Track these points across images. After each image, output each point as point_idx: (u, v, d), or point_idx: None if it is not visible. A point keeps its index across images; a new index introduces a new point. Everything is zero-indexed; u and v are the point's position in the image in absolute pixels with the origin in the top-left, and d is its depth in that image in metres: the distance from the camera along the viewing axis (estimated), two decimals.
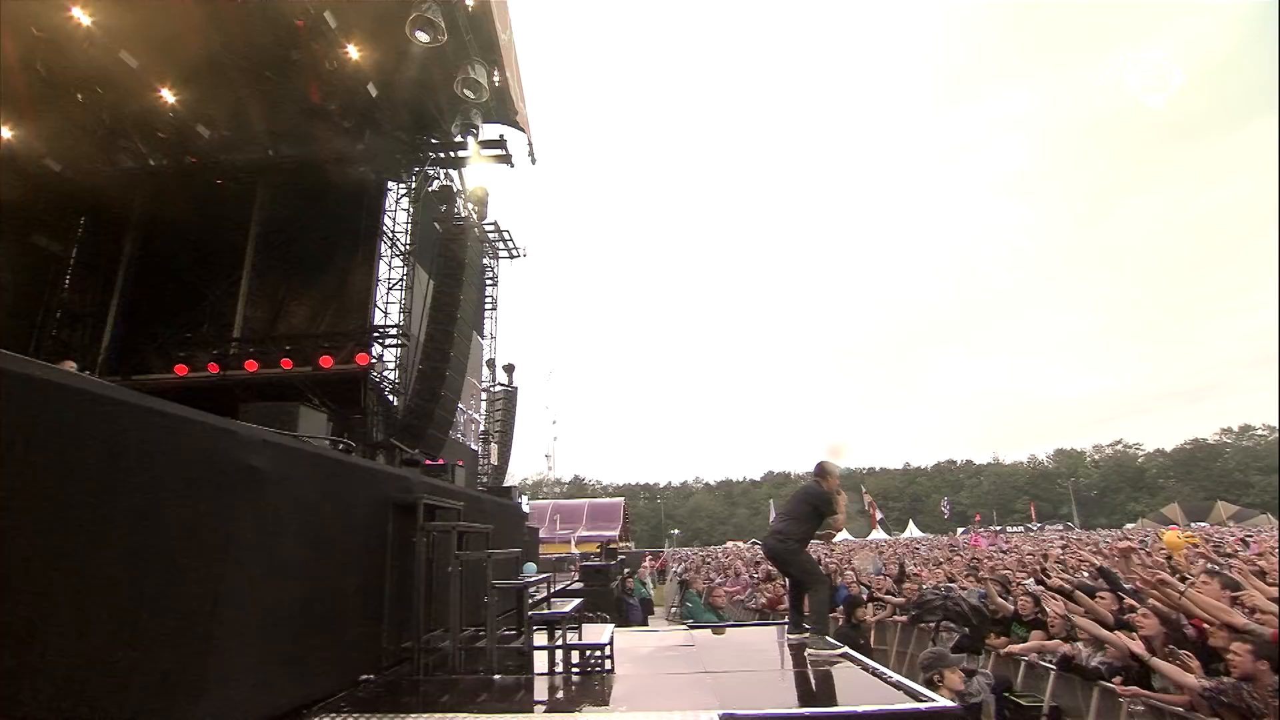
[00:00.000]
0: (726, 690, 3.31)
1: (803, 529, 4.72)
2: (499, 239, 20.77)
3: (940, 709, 2.83)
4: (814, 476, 5.00)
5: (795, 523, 4.76)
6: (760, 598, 10.91)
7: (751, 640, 5.25)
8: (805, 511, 4.77)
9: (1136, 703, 4.50)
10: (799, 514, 4.79)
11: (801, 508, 4.81)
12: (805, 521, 4.74)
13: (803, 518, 4.75)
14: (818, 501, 4.79)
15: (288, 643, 2.72)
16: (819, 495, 4.82)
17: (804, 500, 4.86)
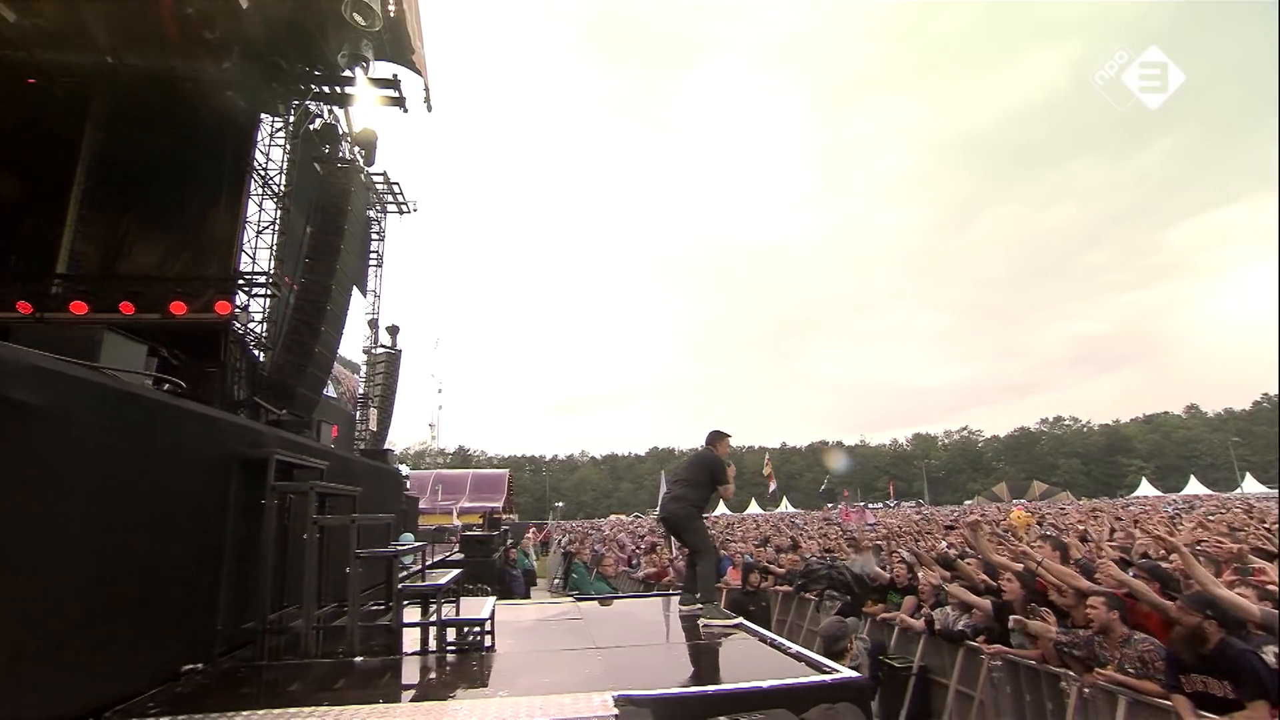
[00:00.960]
0: (620, 668, 3.05)
1: (699, 495, 4.67)
2: (387, 190, 19.23)
3: (847, 680, 2.73)
4: (706, 444, 4.94)
5: (693, 488, 4.68)
6: (646, 568, 10.91)
7: (641, 612, 5.09)
8: (702, 478, 4.71)
9: (996, 659, 4.79)
10: (696, 480, 4.71)
11: (699, 474, 4.74)
12: (702, 488, 4.69)
13: (699, 484, 4.69)
14: (714, 468, 4.73)
15: (68, 632, 2.11)
16: (715, 461, 4.76)
17: (701, 466, 4.78)
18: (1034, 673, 4.53)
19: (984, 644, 4.91)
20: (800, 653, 3.19)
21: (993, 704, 4.84)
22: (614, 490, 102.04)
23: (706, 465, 4.76)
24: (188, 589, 2.81)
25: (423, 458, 70.01)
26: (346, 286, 12.09)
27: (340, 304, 11.51)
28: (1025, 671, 4.61)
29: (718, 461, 4.76)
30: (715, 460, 4.76)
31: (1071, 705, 4.16)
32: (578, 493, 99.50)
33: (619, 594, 6.40)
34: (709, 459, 4.79)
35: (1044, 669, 4.43)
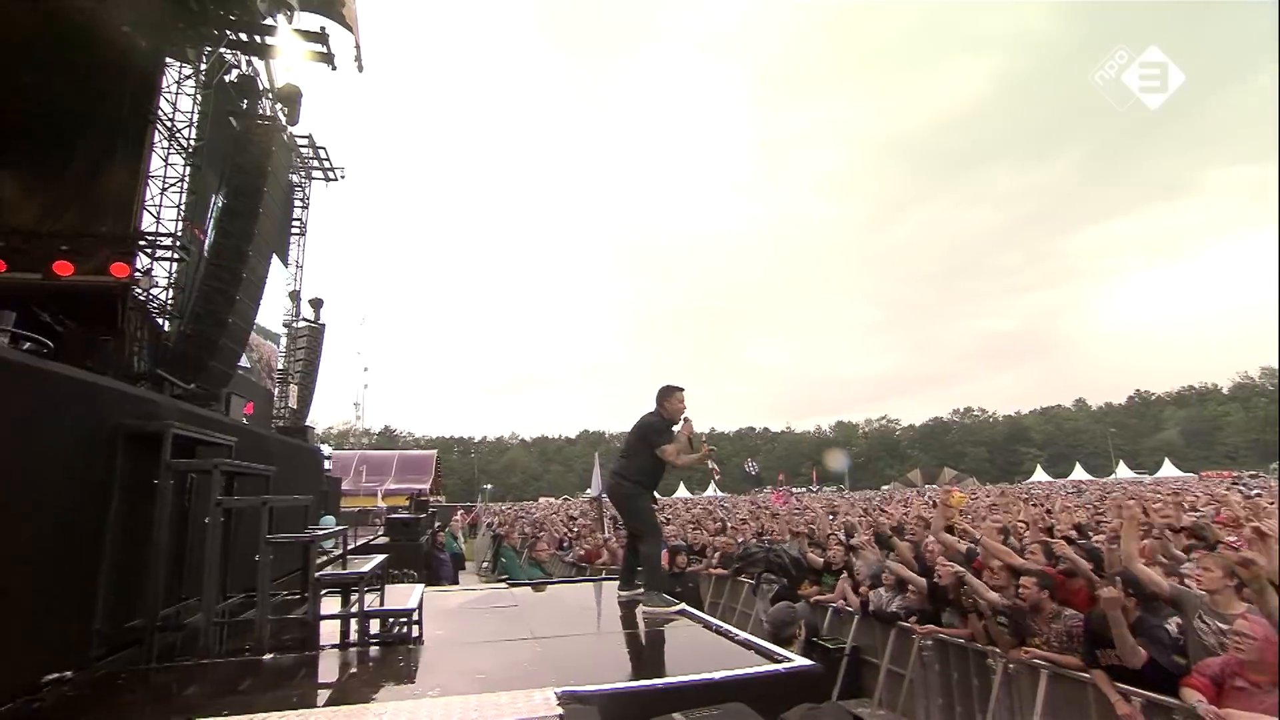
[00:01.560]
0: (560, 660, 2.86)
1: (635, 466, 4.17)
2: (312, 155, 18.04)
3: (802, 668, 2.64)
4: (656, 404, 4.30)
5: (627, 460, 4.25)
6: (579, 549, 10.73)
7: (578, 598, 4.88)
8: (638, 446, 4.19)
9: (927, 639, 4.91)
10: (632, 449, 4.24)
11: (635, 443, 4.24)
12: (639, 458, 4.17)
13: (635, 453, 4.20)
14: (647, 431, 4.17)
15: None
16: (649, 425, 4.19)
17: (636, 431, 4.27)
18: (962, 651, 4.66)
19: (915, 624, 5.02)
20: (748, 640, 3.09)
21: (922, 682, 4.97)
22: (544, 473, 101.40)
23: (640, 429, 4.21)
24: (53, 584, 2.41)
25: (346, 438, 67.11)
26: (266, 254, 11.20)
27: (258, 273, 10.65)
28: (954, 650, 4.74)
29: (652, 425, 4.17)
30: (650, 424, 4.18)
31: (997, 681, 4.30)
32: (507, 475, 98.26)
33: (552, 578, 6.17)
34: (644, 422, 4.22)
35: (972, 647, 4.56)
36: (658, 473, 4.23)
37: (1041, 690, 3.96)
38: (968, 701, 4.59)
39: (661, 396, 4.29)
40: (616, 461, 4.43)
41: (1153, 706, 3.39)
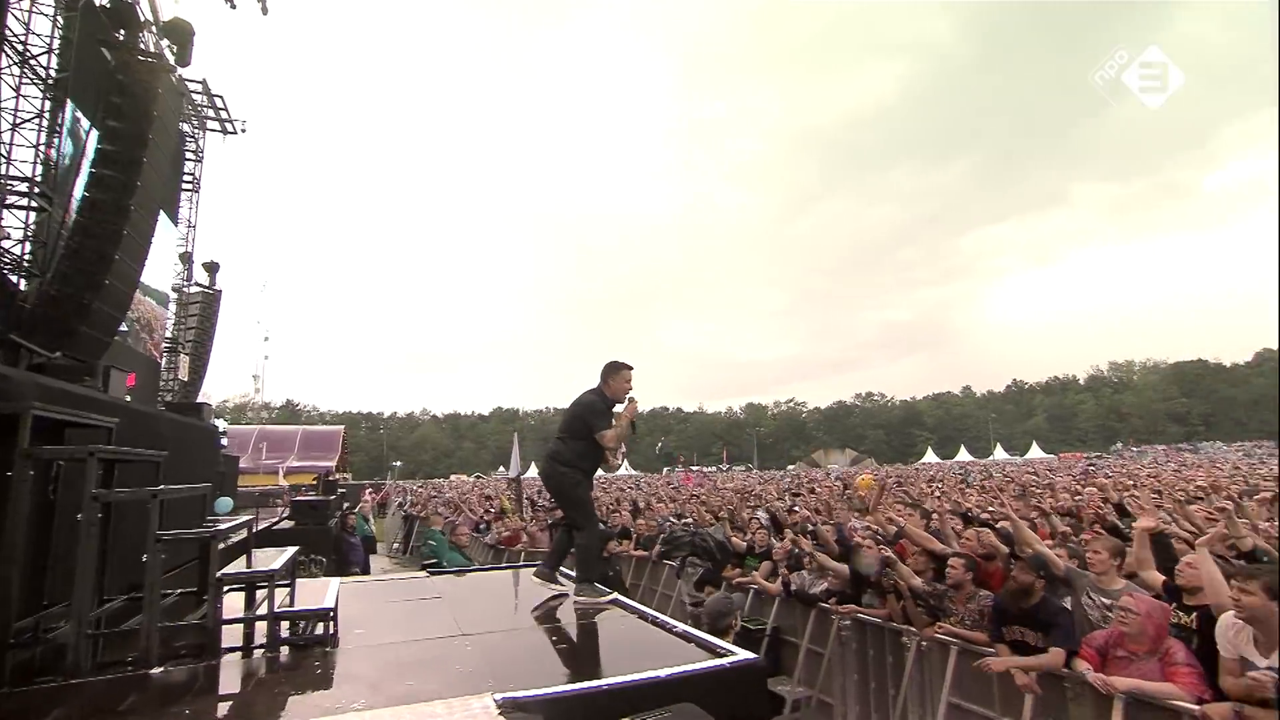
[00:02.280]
0: (496, 660, 2.70)
1: (574, 450, 3.85)
2: (208, 103, 16.36)
3: (745, 662, 2.60)
4: (599, 382, 3.98)
5: (564, 443, 3.91)
6: (497, 532, 10.47)
7: (506, 588, 4.68)
8: (576, 427, 3.86)
9: (846, 618, 5.09)
10: (570, 430, 3.90)
11: (573, 422, 3.90)
12: (577, 441, 3.86)
13: (574, 435, 3.87)
14: (587, 413, 3.83)
15: None
16: (589, 406, 3.86)
17: (574, 413, 3.94)
18: (879, 630, 4.86)
19: (836, 605, 5.20)
20: (688, 632, 3.03)
21: (839, 660, 5.16)
22: (455, 450, 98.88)
23: (580, 409, 3.88)
24: None
25: (244, 412, 62.40)
26: (151, 210, 9.97)
27: (142, 230, 9.47)
28: (871, 629, 4.94)
29: (593, 406, 3.85)
30: (591, 404, 3.86)
31: (910, 658, 4.51)
32: (417, 452, 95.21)
33: (476, 565, 5.92)
34: (584, 402, 3.89)
35: (888, 626, 4.77)
36: (597, 457, 3.95)
37: (951, 665, 4.18)
38: (882, 677, 4.80)
39: (606, 373, 3.96)
40: (552, 443, 4.03)
41: (1047, 677, 3.65)
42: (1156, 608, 3.45)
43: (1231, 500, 5.33)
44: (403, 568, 14.01)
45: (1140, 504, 6.48)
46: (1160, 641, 3.33)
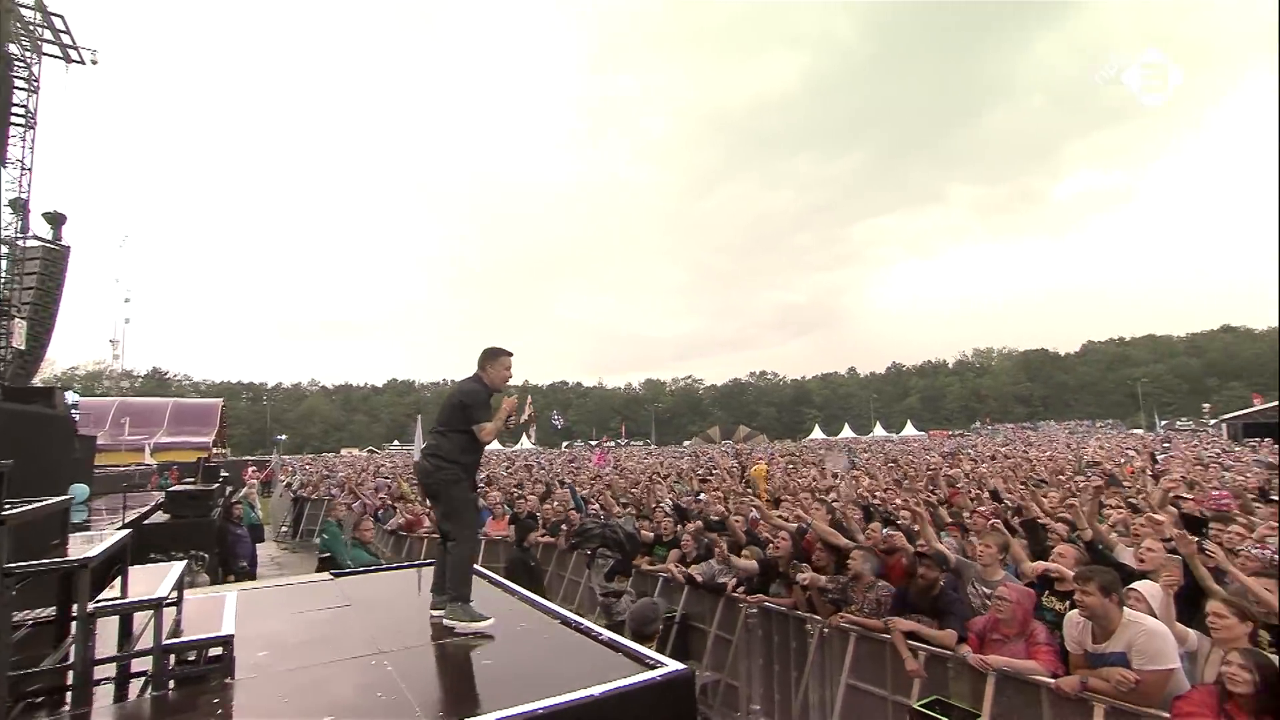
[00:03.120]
0: (419, 684, 2.57)
1: (454, 445, 3.44)
2: (43, 23, 14.12)
3: (675, 673, 2.63)
4: (477, 369, 3.62)
5: (444, 436, 3.48)
6: (397, 517, 10.03)
7: (420, 592, 4.24)
8: (456, 418, 3.46)
9: (753, 606, 5.32)
10: (449, 422, 3.49)
11: (452, 413, 3.48)
12: (458, 435, 3.47)
13: (452, 426, 3.47)
14: (469, 401, 3.45)
15: None
16: (470, 393, 3.48)
17: (452, 404, 3.53)
18: (784, 617, 5.13)
19: (744, 594, 5.42)
20: (614, 640, 3.03)
21: (745, 646, 5.40)
22: (347, 423, 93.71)
23: (459, 399, 3.48)
24: None
25: (99, 381, 55.37)
26: None
27: None
28: (776, 616, 5.21)
29: (474, 395, 3.48)
30: (472, 393, 3.49)
31: (814, 644, 4.80)
32: (304, 424, 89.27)
33: (381, 562, 5.59)
34: (464, 391, 3.51)
35: (793, 614, 5.04)
36: (479, 451, 3.59)
37: (850, 650, 4.50)
38: (785, 661, 5.09)
39: (485, 360, 3.61)
40: (430, 437, 3.63)
41: (932, 658, 4.02)
42: (1026, 595, 3.87)
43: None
44: (292, 553, 13.15)
45: (1008, 486, 7.22)
46: (1027, 624, 3.76)
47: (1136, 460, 10.29)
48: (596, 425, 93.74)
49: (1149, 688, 3.09)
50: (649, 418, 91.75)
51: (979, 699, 3.70)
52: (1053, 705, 3.43)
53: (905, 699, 4.05)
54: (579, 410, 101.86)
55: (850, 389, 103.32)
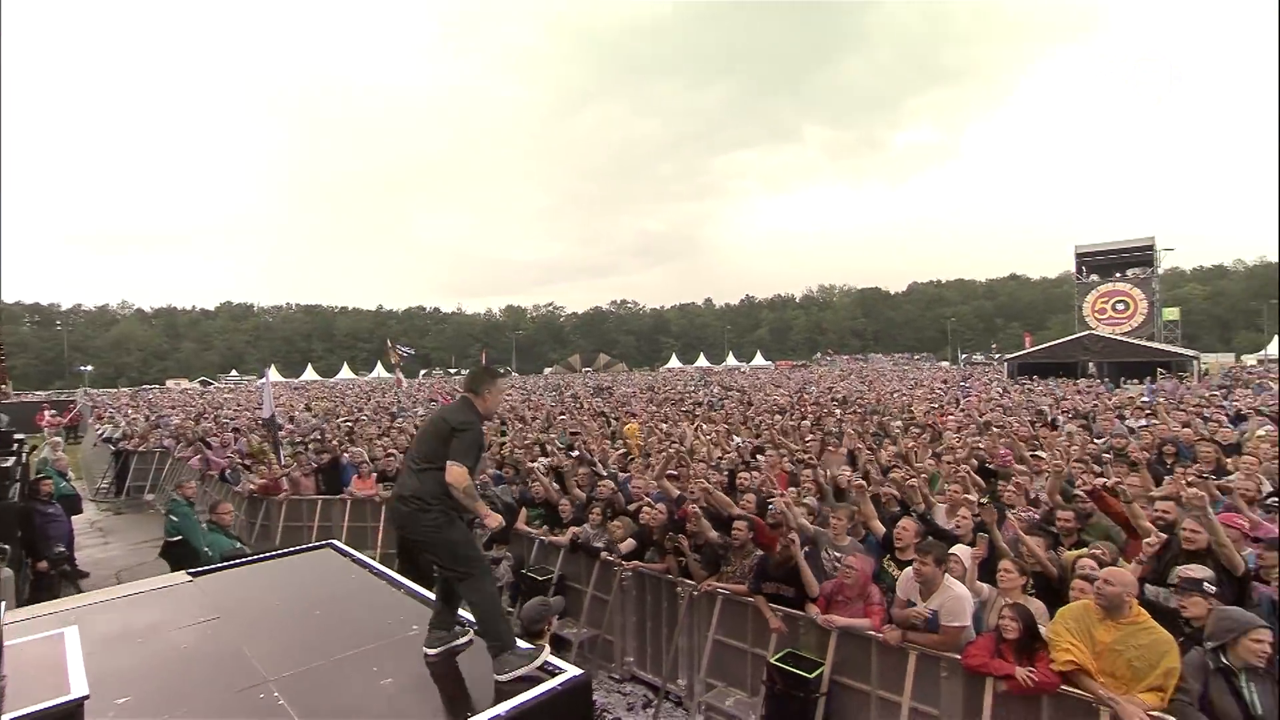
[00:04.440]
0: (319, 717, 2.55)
1: (435, 484, 2.93)
2: None
3: (574, 679, 2.81)
4: (465, 390, 3.19)
5: (423, 474, 2.97)
6: (249, 480, 9.28)
7: (296, 588, 4.10)
8: (440, 452, 2.95)
9: (628, 572, 5.71)
10: (432, 456, 2.98)
11: (438, 447, 2.97)
12: (440, 464, 2.94)
13: (436, 459, 2.96)
14: (467, 432, 2.98)
15: None
16: (469, 426, 3.01)
17: (437, 434, 3.02)
18: (657, 581, 5.58)
19: (619, 560, 5.78)
20: None
21: (619, 605, 5.81)
22: (172, 351, 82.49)
23: (449, 428, 2.98)
24: None
25: None
26: None
27: None
28: (650, 580, 5.64)
29: (473, 427, 3.02)
30: (470, 425, 3.01)
31: (684, 605, 5.29)
32: (117, 354, 77.39)
33: (250, 553, 5.15)
34: (461, 421, 3.01)
35: (664, 579, 5.50)
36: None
37: (717, 611, 5.04)
38: (658, 619, 5.57)
39: (481, 384, 3.18)
40: (406, 477, 3.10)
41: (790, 619, 4.62)
42: (866, 562, 4.53)
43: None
44: (117, 515, 11.72)
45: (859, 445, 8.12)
46: (866, 588, 4.42)
47: (950, 419, 11.99)
48: (456, 353, 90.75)
49: (949, 641, 3.84)
50: (510, 345, 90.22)
51: (824, 650, 4.36)
52: (880, 654, 4.15)
53: (764, 651, 4.65)
54: (437, 337, 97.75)
55: (706, 319, 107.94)
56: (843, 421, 11.89)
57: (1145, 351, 30.80)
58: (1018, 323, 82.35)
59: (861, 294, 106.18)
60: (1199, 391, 18.71)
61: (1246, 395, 16.63)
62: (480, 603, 2.97)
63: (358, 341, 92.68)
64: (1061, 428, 10.52)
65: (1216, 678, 3.16)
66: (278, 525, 8.44)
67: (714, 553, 5.22)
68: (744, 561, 4.99)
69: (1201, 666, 3.21)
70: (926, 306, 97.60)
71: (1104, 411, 11.91)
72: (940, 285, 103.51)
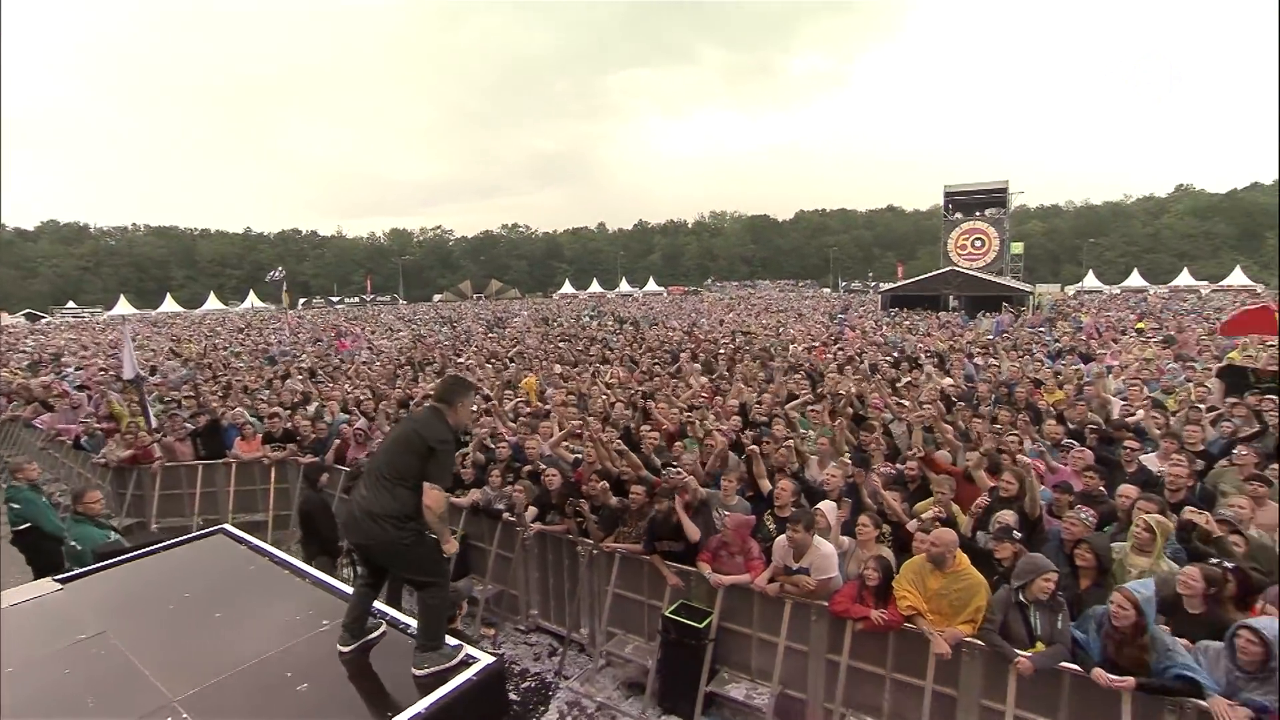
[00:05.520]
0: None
1: (406, 500, 2.90)
2: None
3: (489, 667, 2.96)
4: (436, 400, 3.13)
5: (391, 488, 2.91)
6: (115, 449, 8.38)
7: (189, 587, 3.74)
8: (414, 468, 2.91)
9: (529, 533, 5.98)
10: (401, 470, 2.91)
11: (413, 462, 2.91)
12: (407, 487, 2.91)
13: (402, 476, 2.91)
14: (441, 449, 2.93)
15: None
16: (443, 441, 2.96)
17: (409, 447, 2.94)
18: (558, 541, 5.90)
19: (522, 522, 6.01)
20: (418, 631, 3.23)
21: (523, 562, 6.11)
22: None
23: (424, 448, 2.91)
24: None
25: None
26: None
27: None
28: (551, 538, 5.95)
29: (446, 442, 2.97)
30: (444, 440, 2.96)
31: (584, 562, 5.66)
32: None
33: (130, 549, 4.72)
34: (434, 437, 2.94)
35: (565, 539, 5.82)
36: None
37: (615, 568, 5.44)
38: (560, 575, 5.93)
39: (454, 395, 3.12)
40: (376, 492, 2.97)
41: (682, 574, 5.10)
42: (744, 521, 5.03)
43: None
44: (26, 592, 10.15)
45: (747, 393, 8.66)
46: (747, 544, 4.95)
47: (829, 358, 12.96)
48: (338, 280, 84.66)
49: (820, 590, 4.45)
50: (396, 271, 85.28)
51: (712, 600, 4.89)
52: (760, 602, 4.73)
53: (659, 602, 5.13)
54: (316, 263, 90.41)
55: (599, 244, 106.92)
56: (733, 362, 12.59)
57: (995, 287, 34.35)
58: (892, 252, 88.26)
59: (751, 220, 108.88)
60: (1031, 324, 21.48)
61: (1066, 328, 19.27)
62: (436, 608, 3.01)
63: (225, 268, 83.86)
64: (923, 368, 11.78)
65: (1014, 610, 3.94)
66: (152, 495, 7.86)
67: (612, 514, 5.58)
68: (640, 523, 5.38)
69: (1005, 601, 3.98)
70: (811, 235, 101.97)
71: (955, 353, 13.41)
72: (824, 214, 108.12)
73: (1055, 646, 3.72)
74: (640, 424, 7.48)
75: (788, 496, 5.14)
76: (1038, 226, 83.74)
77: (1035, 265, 70.38)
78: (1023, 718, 3.78)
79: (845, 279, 77.95)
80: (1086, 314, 25.06)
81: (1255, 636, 3.18)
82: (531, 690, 5.32)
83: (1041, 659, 3.69)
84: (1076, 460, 5.70)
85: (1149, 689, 3.40)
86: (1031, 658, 3.69)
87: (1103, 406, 8.34)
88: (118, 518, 7.54)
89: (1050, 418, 7.36)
